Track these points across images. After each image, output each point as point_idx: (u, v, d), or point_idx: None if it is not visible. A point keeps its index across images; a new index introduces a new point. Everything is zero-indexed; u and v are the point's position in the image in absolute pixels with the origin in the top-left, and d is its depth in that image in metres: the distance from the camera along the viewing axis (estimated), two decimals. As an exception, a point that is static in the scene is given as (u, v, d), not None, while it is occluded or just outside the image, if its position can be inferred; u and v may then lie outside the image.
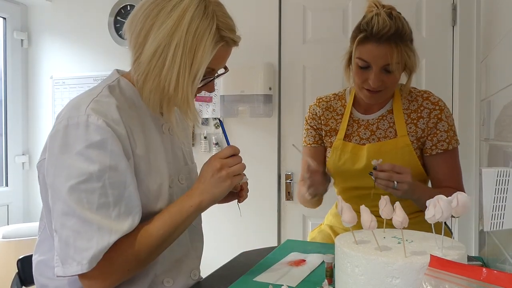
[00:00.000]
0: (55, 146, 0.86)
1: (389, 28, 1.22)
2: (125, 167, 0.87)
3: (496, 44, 1.36)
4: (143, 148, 0.94)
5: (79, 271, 0.82)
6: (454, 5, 2.18)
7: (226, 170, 0.93)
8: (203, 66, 0.91)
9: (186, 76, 0.90)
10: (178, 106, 0.94)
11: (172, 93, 0.91)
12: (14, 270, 1.12)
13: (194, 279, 1.07)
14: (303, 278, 1.06)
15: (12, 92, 2.94)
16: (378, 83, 1.27)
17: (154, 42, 0.89)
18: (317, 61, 2.38)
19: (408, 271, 0.70)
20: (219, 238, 2.55)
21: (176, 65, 0.89)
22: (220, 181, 0.93)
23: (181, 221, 0.92)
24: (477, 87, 2.07)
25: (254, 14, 2.48)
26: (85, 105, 0.87)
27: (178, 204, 0.93)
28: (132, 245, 0.87)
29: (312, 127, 1.51)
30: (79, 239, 0.82)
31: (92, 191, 0.83)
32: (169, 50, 0.88)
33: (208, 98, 2.57)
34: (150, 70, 0.90)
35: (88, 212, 0.82)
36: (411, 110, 1.38)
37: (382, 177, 1.19)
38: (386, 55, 1.23)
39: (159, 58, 0.89)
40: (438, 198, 0.74)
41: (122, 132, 0.88)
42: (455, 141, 1.36)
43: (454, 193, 1.30)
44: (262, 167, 2.49)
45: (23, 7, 2.98)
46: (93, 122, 0.84)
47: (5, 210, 2.87)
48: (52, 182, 0.86)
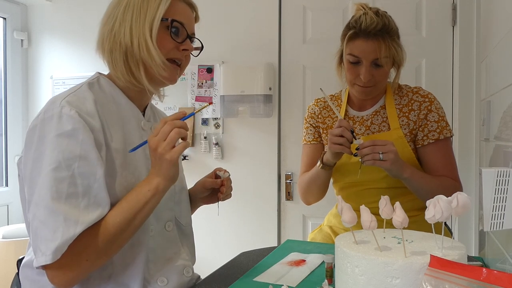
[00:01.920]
0: (33, 139, 0.87)
1: (376, 24, 1.29)
2: (95, 158, 0.86)
3: (496, 44, 1.36)
4: (120, 142, 0.95)
5: (44, 262, 0.81)
6: (454, 5, 2.18)
7: (160, 146, 0.88)
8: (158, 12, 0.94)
9: (140, 24, 0.93)
10: (142, 57, 0.94)
11: (129, 44, 0.94)
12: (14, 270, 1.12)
13: (188, 276, 1.06)
14: (303, 278, 1.06)
15: (12, 92, 2.94)
16: (368, 77, 1.33)
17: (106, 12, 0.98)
18: (317, 61, 2.39)
19: (408, 271, 0.70)
20: (219, 238, 2.55)
21: (127, 18, 0.94)
22: (161, 162, 0.88)
23: (140, 207, 0.89)
24: (477, 87, 2.07)
25: (254, 14, 2.48)
26: (61, 99, 0.88)
27: (135, 190, 0.90)
28: (93, 236, 0.85)
29: (311, 125, 1.56)
30: (45, 230, 0.81)
31: (61, 180, 0.83)
32: (119, 10, 0.95)
33: (208, 98, 2.57)
34: (105, 32, 0.96)
35: (56, 202, 0.82)
36: (403, 104, 1.42)
37: (367, 151, 1.23)
38: (375, 50, 1.30)
39: (111, 21, 0.96)
40: (438, 198, 0.74)
41: (96, 125, 0.89)
42: (448, 131, 1.39)
43: (448, 180, 1.34)
44: (262, 167, 2.49)
45: (23, 7, 2.98)
46: (66, 113, 0.86)
47: (5, 210, 2.88)
48: (29, 174, 0.86)
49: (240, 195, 2.54)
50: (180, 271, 1.05)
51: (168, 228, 1.05)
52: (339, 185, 1.51)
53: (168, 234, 1.05)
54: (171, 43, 0.97)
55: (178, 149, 0.88)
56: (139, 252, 0.96)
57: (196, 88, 2.59)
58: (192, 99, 2.60)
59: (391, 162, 1.23)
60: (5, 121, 2.93)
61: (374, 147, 1.23)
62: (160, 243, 1.02)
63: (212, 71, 2.55)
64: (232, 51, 2.51)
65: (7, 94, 2.93)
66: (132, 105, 1.01)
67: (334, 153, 1.33)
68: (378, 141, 1.25)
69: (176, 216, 1.08)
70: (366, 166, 1.27)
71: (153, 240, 1.00)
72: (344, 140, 1.27)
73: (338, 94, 1.56)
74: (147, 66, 0.96)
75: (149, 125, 1.05)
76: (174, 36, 0.97)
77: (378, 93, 1.43)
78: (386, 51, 1.30)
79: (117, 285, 0.93)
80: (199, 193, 1.20)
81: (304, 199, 1.55)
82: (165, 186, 0.90)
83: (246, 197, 2.50)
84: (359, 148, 1.25)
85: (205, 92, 2.58)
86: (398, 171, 1.26)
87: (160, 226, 1.03)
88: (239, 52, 2.51)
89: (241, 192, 2.53)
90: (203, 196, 1.20)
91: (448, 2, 2.20)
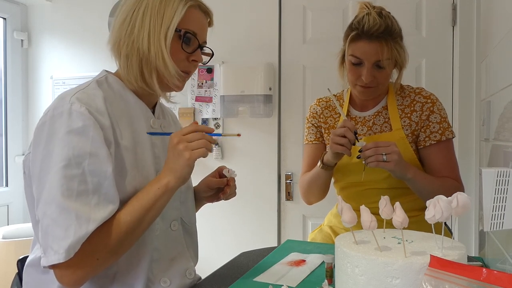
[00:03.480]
0: (42, 136, 0.86)
1: (379, 26, 1.28)
2: (105, 155, 0.86)
3: (496, 44, 1.36)
4: (130, 140, 0.94)
5: (56, 260, 0.80)
6: (454, 5, 2.18)
7: (183, 143, 0.88)
8: (173, 22, 0.94)
9: (157, 32, 0.93)
10: (157, 66, 0.95)
11: (147, 52, 0.93)
12: (14, 270, 1.12)
13: (190, 278, 1.06)
14: (303, 278, 1.06)
15: (12, 92, 2.94)
16: (370, 78, 1.33)
17: (121, 13, 0.96)
18: (317, 61, 2.39)
19: (408, 271, 0.70)
20: (219, 238, 2.55)
21: (146, 24, 0.93)
22: (178, 155, 0.88)
23: (150, 205, 0.88)
24: (477, 87, 2.07)
25: (254, 14, 2.48)
26: (70, 96, 0.88)
27: (146, 189, 0.90)
28: (104, 235, 0.85)
29: (313, 124, 1.56)
30: (57, 228, 0.80)
31: (71, 178, 0.82)
32: (138, 14, 0.94)
33: (208, 99, 2.57)
34: (122, 35, 0.95)
35: (67, 200, 0.81)
36: (405, 105, 1.42)
37: (370, 153, 1.23)
38: (377, 52, 1.30)
39: (129, 24, 0.95)
40: (438, 198, 0.74)
41: (106, 122, 0.89)
42: (449, 133, 1.39)
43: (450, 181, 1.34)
44: (262, 167, 2.49)
45: (23, 7, 2.98)
46: (76, 110, 0.85)
47: (5, 210, 2.88)
48: (38, 172, 0.85)
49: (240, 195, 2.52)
50: (183, 273, 1.04)
51: (173, 227, 1.04)
52: (340, 185, 1.51)
53: (173, 234, 1.04)
54: (182, 54, 0.98)
55: (200, 151, 0.89)
56: (144, 251, 0.96)
57: (196, 88, 2.59)
58: (192, 99, 2.60)
59: (394, 163, 1.22)
60: (5, 121, 2.93)
61: (377, 148, 1.23)
62: (165, 243, 1.02)
63: (212, 71, 2.55)
64: (232, 51, 2.51)
65: (7, 94, 2.92)
66: (141, 103, 1.01)
67: (335, 153, 1.33)
68: (381, 143, 1.24)
69: (181, 216, 1.08)
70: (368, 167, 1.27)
71: (158, 240, 1.00)
72: (346, 141, 1.27)
73: (340, 94, 1.56)
74: (160, 74, 0.96)
75: (158, 123, 1.05)
76: (185, 46, 0.98)
77: (379, 94, 1.43)
78: (388, 53, 1.30)
79: (121, 285, 0.93)
80: (203, 192, 1.19)
81: (306, 199, 1.55)
82: (175, 184, 0.90)
83: (246, 197, 2.50)
84: (362, 150, 1.25)
85: (205, 92, 2.58)
86: (402, 172, 1.26)
87: (166, 225, 1.03)
88: (239, 52, 2.51)
89: (241, 192, 2.51)
90: (207, 195, 1.20)
91: (448, 2, 2.20)
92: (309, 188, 1.49)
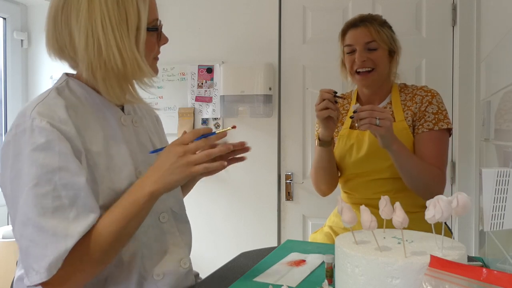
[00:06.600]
0: (8, 156, 0.84)
1: (362, 16, 1.49)
2: (76, 166, 0.83)
3: (496, 44, 1.36)
4: (101, 144, 0.91)
5: (39, 280, 0.78)
6: (454, 5, 2.18)
7: (187, 157, 0.85)
8: (142, 24, 0.88)
9: (126, 43, 0.87)
10: (135, 77, 0.91)
11: (122, 68, 0.88)
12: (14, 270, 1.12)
13: (185, 268, 1.03)
14: (303, 278, 1.06)
15: (12, 92, 2.94)
16: (363, 58, 1.44)
17: (81, 33, 0.86)
18: (317, 61, 2.39)
19: (408, 271, 0.70)
20: (219, 238, 2.55)
21: (110, 38, 0.86)
22: (178, 171, 0.85)
23: (134, 215, 0.85)
24: (477, 87, 2.06)
25: (254, 14, 2.48)
26: (30, 110, 0.85)
27: (129, 196, 0.87)
28: (87, 247, 0.82)
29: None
30: (35, 248, 0.79)
31: (44, 195, 0.80)
32: (98, 30, 0.85)
33: (208, 98, 2.57)
34: (92, 59, 0.87)
35: (43, 218, 0.79)
36: (407, 100, 1.49)
37: (364, 115, 1.27)
38: (365, 34, 1.45)
39: (93, 43, 0.86)
40: (438, 198, 0.74)
41: (71, 131, 0.85)
42: (445, 124, 1.41)
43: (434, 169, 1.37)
44: (262, 167, 2.49)
45: (23, 7, 2.98)
46: (37, 125, 0.82)
47: (5, 210, 2.87)
48: (10, 194, 0.83)
49: (240, 195, 2.54)
50: (177, 264, 1.01)
51: (162, 219, 1.02)
52: (344, 178, 1.54)
53: (163, 226, 1.02)
54: (155, 45, 0.96)
55: (200, 168, 0.85)
56: (134, 250, 0.94)
57: (196, 88, 2.59)
58: (192, 99, 2.60)
59: (386, 129, 1.26)
60: (5, 121, 2.93)
61: (373, 112, 1.26)
62: (155, 237, 0.99)
63: (212, 71, 2.55)
64: (232, 51, 2.51)
65: (7, 94, 2.92)
66: (108, 102, 0.97)
67: (326, 124, 1.39)
68: (377, 107, 1.29)
69: (170, 206, 1.05)
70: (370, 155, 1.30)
71: (147, 235, 0.97)
72: (326, 102, 1.34)
73: (348, 94, 1.64)
74: (138, 80, 0.94)
75: (129, 119, 1.01)
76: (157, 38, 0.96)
77: (379, 80, 1.48)
78: (376, 34, 1.44)
79: (113, 286, 0.92)
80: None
81: (317, 187, 1.59)
82: (160, 194, 0.88)
83: (246, 197, 2.50)
84: (357, 111, 1.28)
85: (205, 92, 2.58)
86: (389, 141, 1.29)
87: (154, 219, 1.00)
88: (239, 52, 2.51)
89: (241, 192, 2.53)
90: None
91: (448, 2, 2.20)
92: (316, 173, 1.54)
